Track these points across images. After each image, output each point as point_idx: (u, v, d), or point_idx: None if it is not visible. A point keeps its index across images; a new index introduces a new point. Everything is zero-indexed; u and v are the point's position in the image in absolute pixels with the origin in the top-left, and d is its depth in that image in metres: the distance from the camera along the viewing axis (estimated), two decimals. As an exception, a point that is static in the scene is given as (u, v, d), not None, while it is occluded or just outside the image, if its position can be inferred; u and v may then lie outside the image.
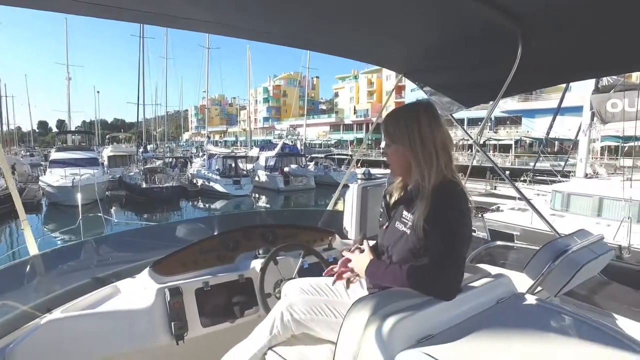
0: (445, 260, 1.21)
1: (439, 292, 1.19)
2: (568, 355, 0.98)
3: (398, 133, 1.36)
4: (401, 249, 1.34)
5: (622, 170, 10.51)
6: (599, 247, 1.81)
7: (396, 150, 1.38)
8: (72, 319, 1.71)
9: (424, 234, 1.26)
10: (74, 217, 7.52)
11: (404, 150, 1.35)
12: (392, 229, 1.42)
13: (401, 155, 1.36)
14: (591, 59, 2.00)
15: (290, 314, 1.54)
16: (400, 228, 1.37)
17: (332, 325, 1.47)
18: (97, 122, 54.91)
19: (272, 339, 1.56)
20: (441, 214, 1.24)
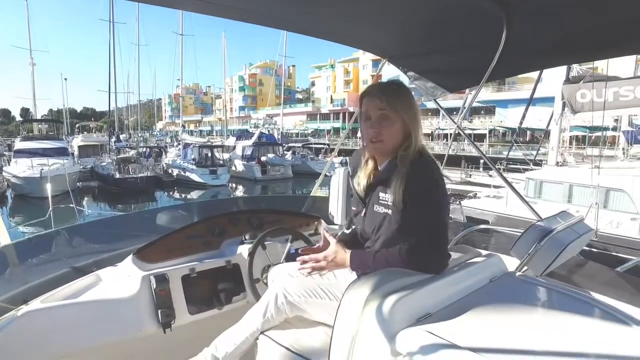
0: (434, 235, 1.29)
1: (433, 268, 1.25)
2: (561, 327, 1.01)
3: (400, 104, 1.37)
4: (387, 230, 1.37)
5: (589, 159, 10.92)
6: (580, 227, 1.87)
7: (395, 121, 1.37)
8: (51, 310, 1.64)
9: (406, 210, 1.30)
10: (43, 209, 7.23)
11: (403, 122, 1.38)
12: (371, 213, 1.43)
13: (399, 127, 1.38)
14: (574, 44, 2.04)
15: (284, 297, 1.52)
16: (380, 211, 1.39)
17: (327, 308, 1.46)
18: (66, 110, 52.73)
19: (265, 323, 1.54)
20: (421, 189, 1.30)
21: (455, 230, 3.20)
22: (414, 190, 1.29)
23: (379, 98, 1.38)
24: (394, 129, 1.38)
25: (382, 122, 1.38)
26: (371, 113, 1.40)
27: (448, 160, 4.23)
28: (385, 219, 1.37)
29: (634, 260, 2.40)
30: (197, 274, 2.01)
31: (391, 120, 1.37)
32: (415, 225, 1.29)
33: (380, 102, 1.38)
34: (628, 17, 1.65)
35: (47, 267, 2.22)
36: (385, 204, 1.37)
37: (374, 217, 1.41)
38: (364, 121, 1.43)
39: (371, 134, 1.39)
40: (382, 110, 1.37)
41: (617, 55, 2.21)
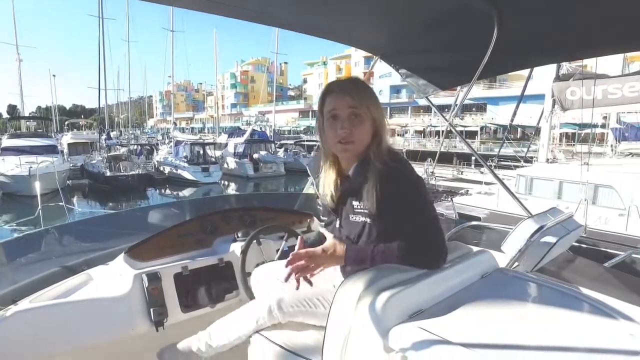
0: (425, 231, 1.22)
1: (431, 264, 1.21)
2: (550, 321, 1.02)
3: (369, 101, 1.30)
4: (368, 240, 1.29)
5: (579, 156, 11.07)
6: (569, 223, 1.90)
7: (365, 119, 1.29)
8: (41, 310, 1.63)
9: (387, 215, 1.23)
10: (32, 208, 7.14)
11: (373, 120, 1.30)
12: (348, 224, 1.34)
13: (369, 126, 1.30)
14: (564, 42, 2.06)
15: (278, 308, 1.44)
16: (357, 220, 1.30)
17: (320, 317, 1.36)
18: (55, 107, 51.92)
19: (257, 328, 1.50)
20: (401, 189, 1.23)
21: (447, 227, 3.23)
22: (392, 192, 1.21)
23: (349, 95, 1.28)
24: (365, 127, 1.29)
25: (353, 121, 1.27)
26: (339, 112, 1.28)
27: (440, 157, 4.26)
28: (365, 228, 1.29)
29: (621, 256, 2.44)
30: (189, 272, 2.00)
31: (362, 118, 1.28)
32: (402, 227, 1.22)
33: (352, 99, 1.27)
34: (617, 16, 1.67)
35: (36, 266, 2.20)
36: (361, 212, 1.29)
37: (352, 227, 1.32)
38: (330, 121, 1.30)
39: (341, 135, 1.27)
40: (353, 108, 1.27)
41: (606, 53, 2.24)
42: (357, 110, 1.27)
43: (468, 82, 2.53)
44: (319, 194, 1.46)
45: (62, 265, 2.06)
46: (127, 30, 40.03)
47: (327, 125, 1.31)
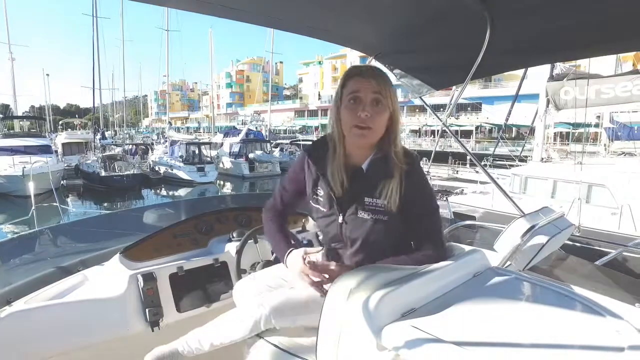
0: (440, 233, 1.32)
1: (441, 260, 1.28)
2: (543, 321, 1.04)
3: (391, 93, 1.25)
4: (379, 238, 1.29)
5: (573, 155, 11.15)
6: (561, 222, 1.93)
7: (385, 109, 1.25)
8: (37, 310, 1.63)
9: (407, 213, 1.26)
10: (26, 208, 7.10)
11: (391, 113, 1.27)
12: (353, 220, 1.30)
13: (386, 118, 1.27)
14: (557, 43, 2.08)
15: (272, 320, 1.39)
16: (365, 217, 1.28)
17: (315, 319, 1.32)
18: (48, 106, 51.56)
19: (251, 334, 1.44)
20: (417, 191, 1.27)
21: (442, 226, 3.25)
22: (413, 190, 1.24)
23: (374, 80, 1.23)
24: (384, 117, 1.25)
25: (375, 108, 1.23)
26: (362, 95, 1.23)
27: (435, 156, 4.29)
28: (375, 226, 1.27)
29: (612, 254, 2.47)
30: (184, 272, 2.00)
31: (383, 106, 1.24)
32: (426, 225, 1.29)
33: (377, 84, 1.23)
34: (609, 17, 1.69)
35: (31, 267, 2.19)
36: (373, 209, 1.26)
37: (358, 225, 1.30)
38: (350, 103, 1.24)
39: (362, 117, 1.21)
40: (377, 94, 1.23)
41: (598, 55, 2.26)
42: (380, 97, 1.23)
43: (462, 82, 2.55)
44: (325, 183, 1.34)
45: (58, 265, 2.05)
46: (121, 30, 39.83)
47: (346, 108, 1.26)
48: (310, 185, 1.41)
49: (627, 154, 11.27)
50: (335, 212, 1.34)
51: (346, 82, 1.27)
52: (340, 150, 1.31)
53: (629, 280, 1.97)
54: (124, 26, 37.85)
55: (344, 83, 1.28)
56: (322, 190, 1.37)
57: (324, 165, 1.34)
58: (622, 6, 1.60)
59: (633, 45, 2.34)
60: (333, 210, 1.35)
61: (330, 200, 1.34)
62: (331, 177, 1.31)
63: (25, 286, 1.83)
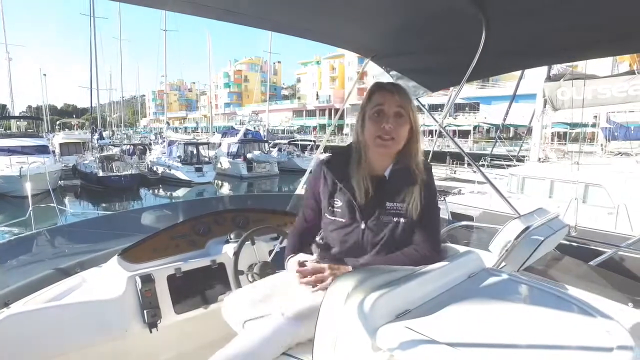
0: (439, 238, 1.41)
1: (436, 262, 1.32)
2: (536, 321, 1.06)
3: (412, 107, 1.37)
4: (399, 239, 1.37)
5: (570, 155, 11.19)
6: (555, 223, 1.94)
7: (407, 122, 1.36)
8: (35, 312, 1.63)
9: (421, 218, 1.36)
10: (23, 209, 7.09)
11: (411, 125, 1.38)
12: (377, 224, 1.37)
13: (407, 130, 1.37)
14: (552, 46, 2.10)
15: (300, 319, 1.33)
16: (387, 220, 1.36)
17: None
18: (45, 107, 51.36)
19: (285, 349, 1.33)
20: (431, 200, 1.40)
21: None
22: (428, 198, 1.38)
23: (398, 95, 1.35)
24: (405, 129, 1.36)
25: (398, 120, 1.34)
26: (386, 108, 1.34)
27: (433, 156, 4.31)
28: (397, 227, 1.36)
29: (606, 254, 2.50)
30: (182, 273, 2.01)
31: (405, 119, 1.36)
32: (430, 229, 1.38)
33: (400, 99, 1.34)
34: (605, 19, 1.71)
35: (29, 269, 2.20)
36: (394, 212, 1.36)
37: (380, 227, 1.36)
38: (374, 116, 1.35)
39: (386, 129, 1.32)
40: (400, 108, 1.34)
41: (595, 56, 2.28)
42: (402, 111, 1.34)
43: (458, 84, 2.57)
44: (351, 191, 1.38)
45: (55, 267, 2.06)
46: (119, 29, 39.77)
47: (371, 119, 1.36)
48: (327, 197, 1.44)
49: (623, 154, 11.32)
50: (357, 220, 1.38)
51: (371, 95, 1.38)
52: (364, 159, 1.39)
53: (623, 281, 1.99)
54: (121, 26, 37.81)
55: (370, 97, 1.39)
56: (339, 201, 1.41)
57: (344, 174, 1.40)
58: (616, 9, 1.62)
59: (628, 47, 2.35)
60: (354, 219, 1.39)
61: (351, 209, 1.38)
62: (357, 186, 1.37)
63: (23, 288, 1.84)
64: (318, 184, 1.48)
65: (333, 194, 1.42)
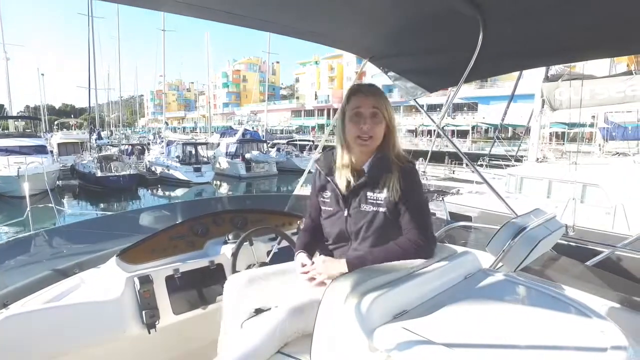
0: (428, 225, 1.42)
1: (429, 254, 1.38)
2: (531, 322, 1.07)
3: (387, 105, 1.48)
4: (379, 227, 1.45)
5: (568, 155, 11.21)
6: (552, 224, 1.95)
7: (382, 120, 1.47)
8: (33, 313, 1.64)
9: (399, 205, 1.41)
10: (21, 209, 7.08)
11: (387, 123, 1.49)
12: (357, 213, 1.47)
13: (383, 127, 1.48)
14: (549, 47, 2.10)
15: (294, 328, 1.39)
16: (368, 209, 1.45)
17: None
18: (43, 106, 51.24)
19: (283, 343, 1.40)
20: (415, 184, 1.45)
21: (437, 227, 3.27)
22: (410, 186, 1.43)
23: (372, 96, 1.47)
24: (382, 127, 1.48)
25: (374, 120, 1.46)
26: (363, 110, 1.45)
27: (432, 156, 4.33)
28: (377, 217, 1.44)
29: (602, 255, 2.51)
30: (181, 274, 2.02)
31: (380, 118, 1.47)
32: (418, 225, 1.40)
33: (375, 101, 1.46)
34: (602, 22, 1.72)
35: (27, 269, 2.20)
36: (374, 202, 1.45)
37: (361, 216, 1.46)
38: (353, 117, 1.47)
39: (364, 130, 1.44)
40: (375, 109, 1.45)
41: (592, 58, 2.29)
42: (377, 111, 1.46)
43: (456, 85, 2.58)
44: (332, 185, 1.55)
45: (54, 268, 2.06)
46: (117, 29, 39.68)
47: (350, 120, 1.48)
48: (318, 189, 1.62)
49: (621, 154, 11.35)
50: (341, 208, 1.53)
51: (350, 98, 1.50)
52: (346, 155, 1.52)
53: (619, 281, 1.99)
54: (119, 26, 37.75)
55: (348, 99, 1.51)
56: (328, 192, 1.58)
57: (331, 169, 1.57)
58: (614, 10, 1.62)
59: (626, 49, 2.37)
60: (339, 207, 1.54)
61: (336, 199, 1.54)
62: (339, 178, 1.53)
63: (21, 289, 1.84)
64: (315, 181, 1.65)
65: (324, 187, 1.59)
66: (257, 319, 1.52)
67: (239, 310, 1.56)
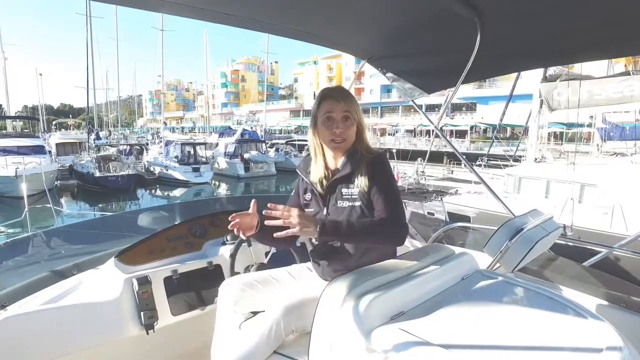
0: (400, 214, 1.43)
1: (402, 238, 1.42)
2: (527, 323, 1.07)
3: (356, 107, 1.55)
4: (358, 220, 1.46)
5: (566, 155, 11.24)
6: (549, 225, 1.96)
7: (353, 122, 1.54)
8: (31, 315, 1.64)
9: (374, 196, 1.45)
10: (19, 209, 7.07)
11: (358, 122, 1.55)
12: (335, 209, 1.51)
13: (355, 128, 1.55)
14: (546, 49, 2.11)
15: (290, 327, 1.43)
16: (344, 205, 1.50)
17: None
18: (41, 106, 51.11)
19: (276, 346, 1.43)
20: (383, 179, 1.48)
21: (436, 227, 3.28)
22: (379, 176, 1.47)
23: (343, 101, 1.52)
24: (353, 129, 1.55)
25: (345, 123, 1.52)
26: (335, 115, 1.51)
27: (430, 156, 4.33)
28: (353, 211, 1.48)
29: (599, 255, 2.51)
30: (179, 275, 2.02)
31: (351, 121, 1.53)
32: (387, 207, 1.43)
33: (346, 105, 1.52)
34: (599, 23, 1.73)
35: (25, 270, 2.20)
36: (349, 197, 1.49)
37: (339, 212, 1.50)
38: (326, 121, 1.52)
39: (337, 133, 1.51)
40: (346, 112, 1.52)
41: (589, 59, 2.29)
42: (348, 114, 1.52)
43: (453, 86, 2.58)
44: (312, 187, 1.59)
45: (52, 269, 2.06)
46: (116, 29, 39.61)
47: (322, 125, 1.54)
48: (302, 193, 1.66)
49: (619, 154, 11.38)
50: (320, 206, 1.57)
51: (321, 103, 1.55)
52: (320, 157, 1.60)
53: (615, 281, 2.00)
54: (118, 26, 37.69)
55: (319, 104, 1.56)
56: (309, 194, 1.62)
57: (308, 172, 1.63)
58: (611, 12, 1.63)
59: (623, 50, 2.38)
60: (319, 207, 1.58)
61: (316, 199, 1.59)
62: (315, 178, 1.58)
63: (19, 290, 1.84)
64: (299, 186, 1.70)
65: (305, 190, 1.65)
66: (254, 320, 1.54)
67: (234, 312, 1.57)
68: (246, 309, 1.58)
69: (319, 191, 1.57)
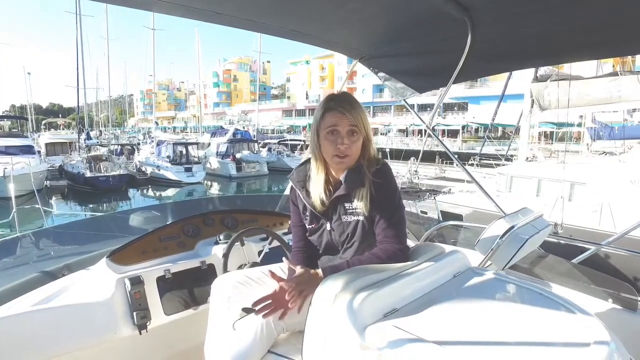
0: (401, 234, 1.41)
1: (404, 259, 1.38)
2: (518, 318, 1.09)
3: (364, 120, 1.43)
4: (361, 234, 1.44)
5: (556, 154, 11.37)
6: (539, 223, 1.98)
7: (360, 136, 1.43)
8: (21, 316, 1.62)
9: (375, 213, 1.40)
10: (7, 210, 6.97)
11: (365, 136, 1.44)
12: (340, 225, 1.46)
13: (361, 142, 1.45)
14: (536, 49, 2.14)
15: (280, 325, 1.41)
16: (350, 220, 1.44)
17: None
18: (30, 106, 50.48)
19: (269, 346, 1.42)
20: (389, 191, 1.42)
21: (428, 226, 3.30)
22: (383, 194, 1.40)
23: (350, 114, 1.40)
24: (359, 144, 1.44)
25: (351, 138, 1.41)
26: (340, 128, 1.40)
27: (423, 155, 4.37)
28: (358, 225, 1.43)
29: (589, 251, 2.56)
30: (172, 275, 2.01)
31: (358, 135, 1.42)
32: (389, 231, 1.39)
33: (353, 118, 1.40)
34: (590, 24, 1.75)
35: (14, 272, 2.17)
36: (354, 212, 1.43)
37: (344, 227, 1.45)
38: (329, 135, 1.41)
39: (341, 149, 1.40)
40: (352, 127, 1.40)
41: (580, 59, 2.32)
42: (355, 128, 1.40)
43: (445, 86, 2.60)
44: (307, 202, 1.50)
45: (42, 270, 2.03)
46: (106, 28, 39.23)
47: (326, 139, 1.42)
48: (300, 208, 1.58)
49: (607, 153, 11.54)
50: (323, 222, 1.51)
51: (325, 114, 1.42)
52: (322, 172, 1.48)
53: (604, 277, 2.03)
54: (108, 24, 37.32)
55: (323, 115, 1.43)
56: (307, 210, 1.54)
57: (305, 186, 1.53)
58: (600, 15, 1.66)
59: (611, 51, 2.41)
60: (321, 222, 1.52)
61: (315, 215, 1.51)
62: (314, 195, 1.48)
63: (9, 291, 1.81)
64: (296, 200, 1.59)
65: (304, 207, 1.55)
66: (247, 320, 1.51)
67: (227, 309, 1.56)
68: (239, 307, 1.57)
69: (317, 210, 1.49)
